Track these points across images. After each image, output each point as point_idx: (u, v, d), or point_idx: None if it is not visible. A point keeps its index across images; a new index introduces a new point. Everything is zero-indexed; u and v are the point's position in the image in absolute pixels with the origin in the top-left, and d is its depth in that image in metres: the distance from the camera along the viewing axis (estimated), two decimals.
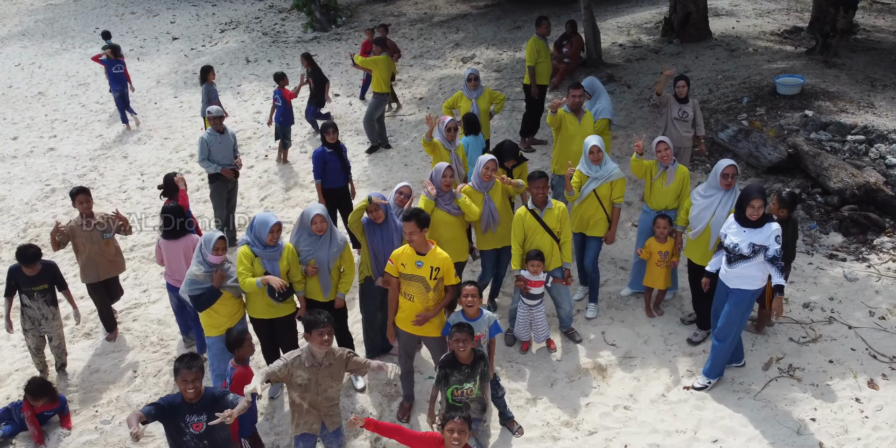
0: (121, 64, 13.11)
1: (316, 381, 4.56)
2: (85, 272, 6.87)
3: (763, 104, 10.65)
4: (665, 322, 6.73)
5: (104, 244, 6.76)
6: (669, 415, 5.59)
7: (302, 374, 4.51)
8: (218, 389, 4.59)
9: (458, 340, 4.62)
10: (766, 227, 5.34)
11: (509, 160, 7.01)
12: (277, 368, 4.49)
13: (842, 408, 5.46)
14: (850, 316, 6.48)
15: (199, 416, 4.35)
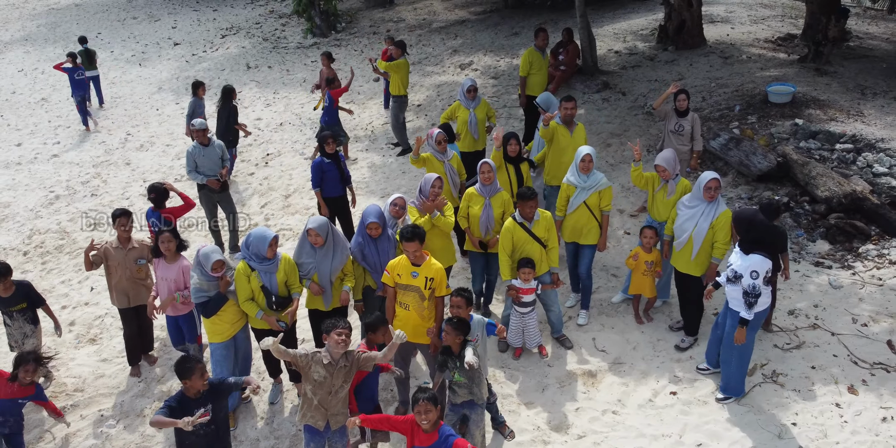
0: (81, 70, 13.94)
1: (330, 380, 4.80)
2: (116, 296, 6.78)
3: (755, 112, 10.83)
4: (654, 329, 6.92)
5: (136, 270, 6.67)
6: (656, 419, 5.78)
7: (319, 370, 4.78)
8: (215, 378, 4.88)
9: (447, 333, 5.07)
10: (749, 257, 5.50)
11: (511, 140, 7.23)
12: (301, 354, 4.81)
13: (822, 413, 5.65)
14: (833, 323, 6.66)
15: (205, 406, 4.64)
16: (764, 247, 5.48)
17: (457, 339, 5.06)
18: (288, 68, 17.01)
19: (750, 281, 5.42)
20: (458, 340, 5.07)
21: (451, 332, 5.05)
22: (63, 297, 8.53)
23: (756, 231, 5.66)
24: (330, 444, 5.13)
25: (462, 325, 5.07)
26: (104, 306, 8.15)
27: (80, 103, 14.04)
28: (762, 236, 5.59)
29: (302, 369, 4.85)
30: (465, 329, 5.08)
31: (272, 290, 5.73)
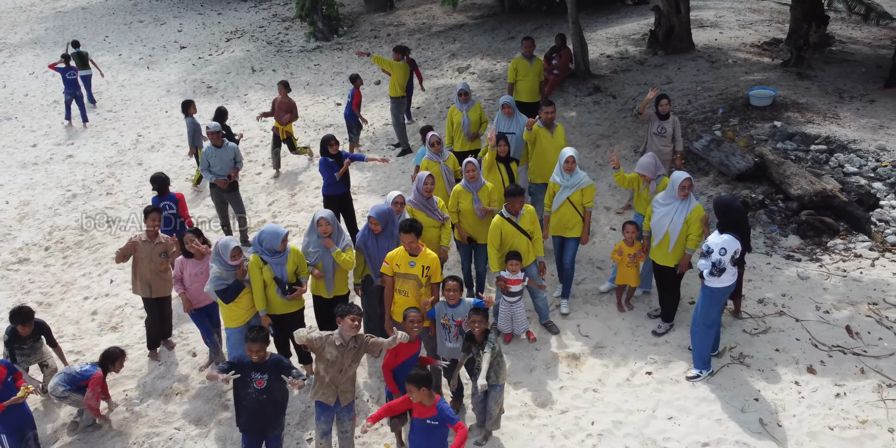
0: (73, 71, 14.90)
1: (341, 360, 5.38)
2: (140, 286, 7.35)
3: (737, 115, 11.42)
4: (634, 316, 7.50)
5: (160, 263, 7.26)
6: (632, 396, 6.36)
7: (332, 351, 5.36)
8: (285, 360, 5.56)
9: (473, 321, 5.59)
10: (722, 236, 6.13)
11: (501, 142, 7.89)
12: (316, 337, 5.40)
13: (782, 390, 6.23)
14: (798, 310, 7.24)
15: (262, 374, 5.33)
16: (737, 230, 6.13)
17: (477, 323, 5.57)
18: (292, 71, 17.60)
19: (718, 256, 6.06)
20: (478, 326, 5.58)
21: (475, 316, 5.59)
22: (84, 288, 9.12)
23: (733, 215, 6.29)
24: (339, 418, 5.71)
25: (478, 310, 5.63)
26: (124, 297, 8.74)
27: (68, 101, 15.18)
28: (737, 220, 6.23)
29: (316, 351, 5.42)
30: (485, 316, 5.63)
31: (283, 279, 6.32)
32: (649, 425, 6.04)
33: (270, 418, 5.52)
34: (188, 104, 11.41)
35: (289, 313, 6.56)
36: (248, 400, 5.38)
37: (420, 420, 5.16)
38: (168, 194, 8.40)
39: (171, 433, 6.55)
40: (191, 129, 11.19)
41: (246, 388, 5.37)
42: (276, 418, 5.63)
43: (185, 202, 8.49)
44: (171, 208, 8.29)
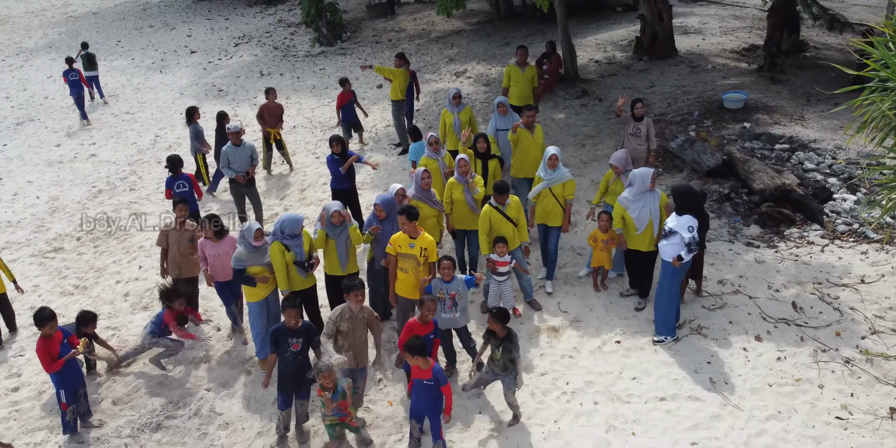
0: (74, 72, 16.24)
1: (353, 329, 6.36)
2: (170, 268, 8.37)
3: (711, 117, 12.40)
4: (608, 295, 8.47)
5: (188, 247, 8.25)
6: (602, 361, 7.33)
7: (344, 323, 6.34)
8: (313, 326, 6.50)
9: (490, 323, 6.33)
10: (683, 217, 7.12)
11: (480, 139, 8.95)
12: (328, 329, 6.37)
13: (732, 355, 7.20)
14: (752, 289, 8.21)
15: (297, 338, 6.31)
16: (695, 212, 7.14)
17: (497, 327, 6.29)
18: (298, 76, 18.58)
19: (688, 234, 7.04)
20: (497, 327, 6.30)
21: (492, 320, 6.33)
22: (116, 273, 10.08)
23: (693, 200, 7.27)
24: (353, 377, 6.67)
25: (501, 315, 6.37)
26: (152, 280, 9.70)
27: (76, 101, 16.37)
28: (694, 203, 7.23)
29: (335, 332, 6.40)
30: (504, 318, 6.38)
31: (301, 259, 7.30)
32: (616, 384, 7.01)
33: (303, 376, 6.49)
34: (192, 111, 11.99)
35: (305, 289, 7.53)
36: (286, 362, 6.34)
37: (419, 381, 6.09)
38: (181, 174, 9.74)
39: (202, 394, 7.53)
40: (192, 135, 11.88)
41: (284, 351, 6.35)
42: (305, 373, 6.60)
43: (196, 181, 9.92)
44: (183, 186, 9.67)
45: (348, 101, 12.82)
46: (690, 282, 8.17)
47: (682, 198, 7.35)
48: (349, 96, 12.82)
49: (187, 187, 9.69)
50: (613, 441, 6.34)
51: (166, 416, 7.29)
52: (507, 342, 6.34)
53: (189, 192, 9.70)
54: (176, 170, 9.70)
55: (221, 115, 12.13)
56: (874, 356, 6.98)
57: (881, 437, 6.07)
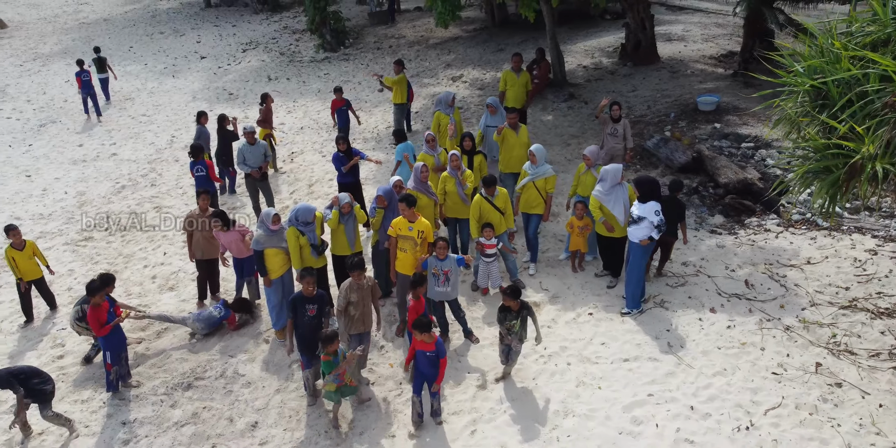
0: (86, 73, 17.73)
1: (361, 298, 7.42)
2: (194, 250, 9.44)
3: (686, 118, 13.49)
4: (585, 276, 9.54)
5: (209, 232, 9.30)
6: (576, 330, 8.40)
7: (353, 295, 7.40)
8: (327, 295, 7.57)
9: (505, 300, 7.26)
10: (648, 204, 8.19)
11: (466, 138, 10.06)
12: (340, 302, 7.47)
13: (689, 324, 8.27)
14: (711, 269, 9.28)
15: (313, 305, 7.35)
16: (657, 198, 8.21)
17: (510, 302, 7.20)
18: (304, 80, 19.68)
19: (656, 218, 8.10)
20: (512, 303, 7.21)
21: (507, 298, 7.23)
22: (143, 259, 11.15)
23: (656, 189, 8.33)
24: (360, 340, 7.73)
25: (514, 292, 7.26)
26: (177, 265, 10.79)
27: (84, 99, 18.07)
28: (655, 191, 8.28)
29: (346, 305, 7.47)
30: (517, 294, 7.28)
31: (314, 242, 8.38)
32: (586, 349, 8.08)
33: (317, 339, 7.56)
34: (201, 114, 13.05)
35: (317, 268, 8.60)
36: (303, 326, 7.40)
37: (422, 352, 7.07)
38: (201, 159, 11.31)
39: (226, 359, 8.60)
40: (197, 136, 12.91)
41: (302, 317, 7.40)
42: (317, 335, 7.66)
43: (213, 167, 11.48)
44: (201, 171, 11.24)
45: (341, 107, 13.83)
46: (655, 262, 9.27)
47: (646, 187, 8.41)
48: (341, 103, 13.84)
49: (204, 172, 11.35)
50: (582, 394, 7.41)
51: (195, 377, 8.36)
52: (525, 311, 7.31)
53: (206, 175, 11.36)
54: (197, 156, 11.37)
55: (221, 117, 13.17)
56: (810, 324, 8.05)
57: (809, 388, 7.14)
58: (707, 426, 6.81)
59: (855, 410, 6.83)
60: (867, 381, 7.16)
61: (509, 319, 7.35)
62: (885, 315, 8.09)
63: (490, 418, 7.30)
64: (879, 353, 7.53)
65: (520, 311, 7.32)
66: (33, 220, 12.80)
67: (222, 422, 7.67)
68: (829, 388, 7.13)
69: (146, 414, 7.88)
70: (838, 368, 7.36)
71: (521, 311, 7.32)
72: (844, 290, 8.60)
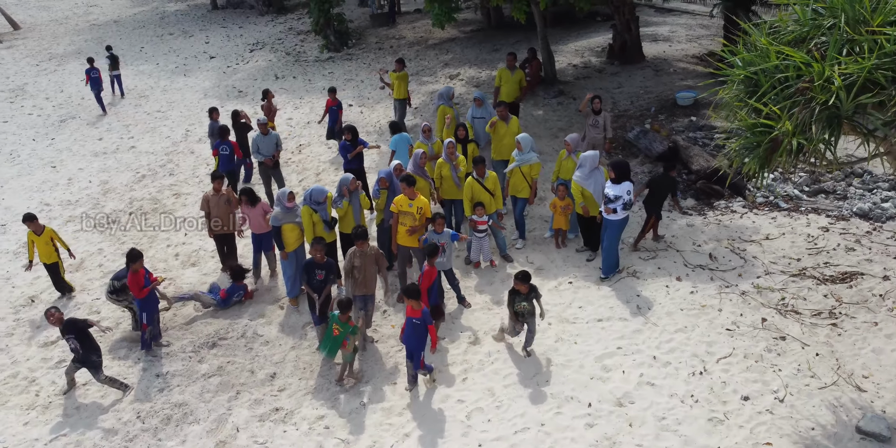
0: (96, 71, 19.10)
1: (363, 264, 8.48)
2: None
3: (665, 112, 14.56)
4: (567, 251, 10.60)
5: (225, 208, 10.36)
6: (557, 296, 9.46)
7: (356, 260, 8.46)
8: (335, 263, 8.67)
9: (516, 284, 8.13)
10: (622, 184, 9.26)
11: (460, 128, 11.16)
12: (345, 266, 8.54)
13: (656, 290, 9.32)
14: (680, 245, 10.34)
15: (322, 270, 8.44)
16: (629, 179, 9.24)
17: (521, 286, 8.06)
18: (309, 78, 20.76)
19: (627, 197, 9.16)
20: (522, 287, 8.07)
21: (518, 283, 8.12)
22: (165, 239, 12.22)
23: (628, 171, 9.37)
24: (365, 302, 8.79)
25: (525, 276, 8.14)
26: (197, 244, 11.85)
27: (96, 94, 19.34)
28: (627, 172, 9.31)
29: (351, 268, 8.53)
30: (527, 279, 8.19)
31: (325, 219, 9.45)
32: (566, 311, 9.15)
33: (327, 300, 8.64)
34: (213, 111, 13.85)
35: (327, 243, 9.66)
36: (313, 288, 8.47)
37: (410, 318, 8.09)
38: (226, 140, 12.46)
39: (245, 323, 9.68)
40: (210, 131, 13.81)
41: (312, 280, 8.50)
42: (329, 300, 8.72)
43: (238, 147, 12.68)
44: (225, 150, 12.43)
45: (332, 106, 14.75)
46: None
47: (621, 170, 9.47)
48: (333, 103, 14.80)
49: (228, 151, 12.55)
50: (560, 348, 8.48)
51: (219, 338, 9.44)
52: (533, 294, 8.13)
53: (230, 155, 12.58)
54: (223, 136, 12.54)
55: (235, 112, 14.19)
56: (763, 289, 9.11)
57: (757, 341, 8.20)
58: (666, 372, 7.88)
59: (795, 358, 7.89)
60: (808, 335, 8.22)
61: (518, 301, 8.17)
62: (829, 281, 9.16)
63: (479, 368, 8.37)
64: (821, 313, 8.59)
65: (528, 294, 8.14)
66: (62, 206, 13.87)
67: (244, 373, 8.74)
68: (775, 340, 8.19)
69: (177, 368, 8.95)
70: (784, 325, 8.43)
71: (530, 294, 8.14)
72: (796, 261, 9.67)
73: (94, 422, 8.20)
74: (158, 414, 8.22)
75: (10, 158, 16.67)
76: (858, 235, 10.10)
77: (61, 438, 8.01)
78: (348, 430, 7.72)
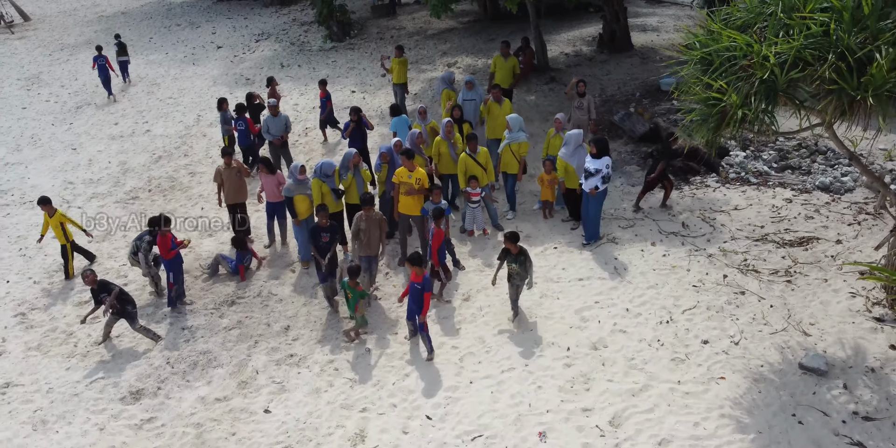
0: (103, 57, 20.19)
1: (368, 228, 9.47)
2: (225, 197, 11.51)
3: (649, 96, 15.53)
4: (553, 221, 11.59)
5: (236, 180, 11.41)
6: (543, 259, 10.45)
7: (362, 223, 9.46)
8: (336, 225, 9.69)
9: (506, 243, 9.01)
10: (602, 159, 10.25)
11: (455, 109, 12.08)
12: (353, 229, 9.54)
13: (632, 254, 10.32)
14: (656, 215, 11.33)
15: (327, 233, 9.43)
16: (608, 154, 10.21)
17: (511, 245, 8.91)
18: (314, 67, 21.69)
19: (606, 170, 10.14)
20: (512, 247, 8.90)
21: (507, 242, 8.96)
22: (184, 214, 13.21)
23: (607, 147, 10.34)
24: (369, 262, 9.79)
25: (513, 236, 9.02)
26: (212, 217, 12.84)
27: (103, 82, 20.45)
28: (607, 148, 10.28)
29: (359, 229, 9.53)
30: (515, 239, 9.05)
31: (334, 187, 10.44)
32: (550, 272, 10.15)
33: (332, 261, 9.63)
34: (222, 101, 14.84)
35: (336, 212, 10.65)
36: (321, 248, 9.47)
37: (413, 283, 9.08)
38: (242, 117, 13.52)
39: (261, 284, 10.69)
40: (222, 120, 14.70)
41: (318, 242, 9.50)
42: (334, 261, 9.71)
43: (253, 123, 13.56)
44: (242, 126, 13.48)
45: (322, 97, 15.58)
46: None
47: (601, 145, 10.45)
48: (323, 94, 15.66)
49: (244, 126, 13.68)
50: (544, 303, 9.48)
51: (237, 297, 10.45)
52: (521, 256, 8.96)
53: (246, 130, 13.73)
54: (240, 113, 13.72)
55: (249, 95, 15.17)
56: (728, 252, 10.11)
57: (719, 295, 9.20)
58: (637, 321, 8.88)
59: (751, 310, 8.90)
60: (764, 291, 9.22)
61: (509, 261, 9.03)
62: (787, 245, 10.16)
63: (471, 320, 9.39)
64: (778, 271, 9.59)
65: (518, 256, 8.96)
66: (85, 184, 14.87)
67: (261, 326, 9.77)
68: (735, 295, 9.19)
69: (200, 322, 9.97)
70: (744, 282, 9.43)
71: (520, 257, 8.96)
72: (760, 228, 10.66)
73: (129, 367, 9.23)
74: (186, 360, 9.24)
75: (32, 142, 17.64)
76: (818, 205, 11.10)
77: (100, 381, 9.03)
78: (355, 371, 8.74)
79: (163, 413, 8.43)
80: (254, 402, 8.45)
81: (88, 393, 8.84)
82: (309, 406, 8.27)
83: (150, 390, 8.80)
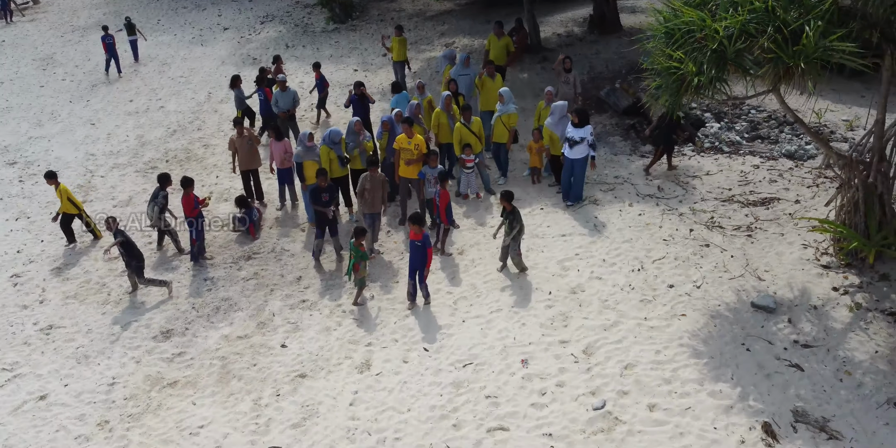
0: (110, 37, 21.25)
1: (372, 187, 10.53)
2: (239, 164, 12.56)
3: (633, 73, 16.50)
4: (541, 186, 12.65)
5: (249, 148, 12.46)
6: (530, 218, 11.49)
7: (367, 183, 10.51)
8: (335, 186, 10.79)
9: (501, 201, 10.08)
10: (585, 127, 11.29)
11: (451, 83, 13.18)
12: (358, 188, 10.59)
13: (611, 214, 11.37)
14: (635, 180, 12.38)
15: (326, 193, 10.48)
16: (588, 123, 11.25)
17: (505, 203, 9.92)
18: (318, 47, 22.64)
19: (590, 137, 11.19)
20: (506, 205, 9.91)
21: (502, 200, 9.96)
22: (200, 181, 14.23)
23: (589, 117, 11.38)
24: (372, 219, 10.86)
25: (507, 195, 10.06)
26: (227, 185, 13.90)
27: (108, 60, 21.55)
28: (588, 118, 11.31)
29: (364, 189, 10.58)
30: (510, 197, 10.09)
31: (340, 155, 11.48)
32: (535, 230, 11.22)
33: (332, 217, 10.71)
34: (235, 78, 15.75)
35: (342, 176, 11.70)
36: (321, 213, 10.52)
37: (413, 241, 10.10)
38: (261, 88, 14.60)
39: (274, 241, 11.78)
40: (236, 98, 15.63)
41: (319, 199, 10.55)
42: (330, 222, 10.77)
43: (271, 92, 14.49)
44: (261, 96, 14.63)
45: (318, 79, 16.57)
46: None
47: (583, 115, 11.47)
48: (318, 76, 16.61)
49: (264, 96, 14.68)
50: (530, 255, 10.56)
51: (253, 252, 11.55)
52: (511, 215, 9.92)
53: (265, 100, 14.68)
54: (259, 84, 14.84)
55: (262, 69, 16.17)
56: (697, 211, 11.18)
57: (686, 247, 10.28)
58: (612, 270, 9.97)
59: (714, 259, 9.98)
60: (727, 244, 10.30)
61: (504, 217, 10.08)
62: (751, 205, 11.23)
63: (465, 270, 10.48)
64: (740, 227, 10.67)
65: (509, 214, 9.91)
66: (105, 156, 15.91)
67: (276, 276, 10.87)
68: (700, 248, 10.28)
69: (220, 274, 11.07)
70: (709, 236, 10.51)
71: (510, 215, 9.90)
72: (727, 190, 11.73)
73: (158, 311, 10.34)
74: (209, 305, 10.36)
75: (52, 117, 18.66)
76: (782, 171, 12.15)
77: (133, 323, 10.14)
78: (361, 313, 9.84)
79: (191, 348, 9.55)
80: (272, 339, 9.57)
81: (124, 333, 9.95)
82: (320, 341, 9.38)
83: (178, 330, 9.91)
